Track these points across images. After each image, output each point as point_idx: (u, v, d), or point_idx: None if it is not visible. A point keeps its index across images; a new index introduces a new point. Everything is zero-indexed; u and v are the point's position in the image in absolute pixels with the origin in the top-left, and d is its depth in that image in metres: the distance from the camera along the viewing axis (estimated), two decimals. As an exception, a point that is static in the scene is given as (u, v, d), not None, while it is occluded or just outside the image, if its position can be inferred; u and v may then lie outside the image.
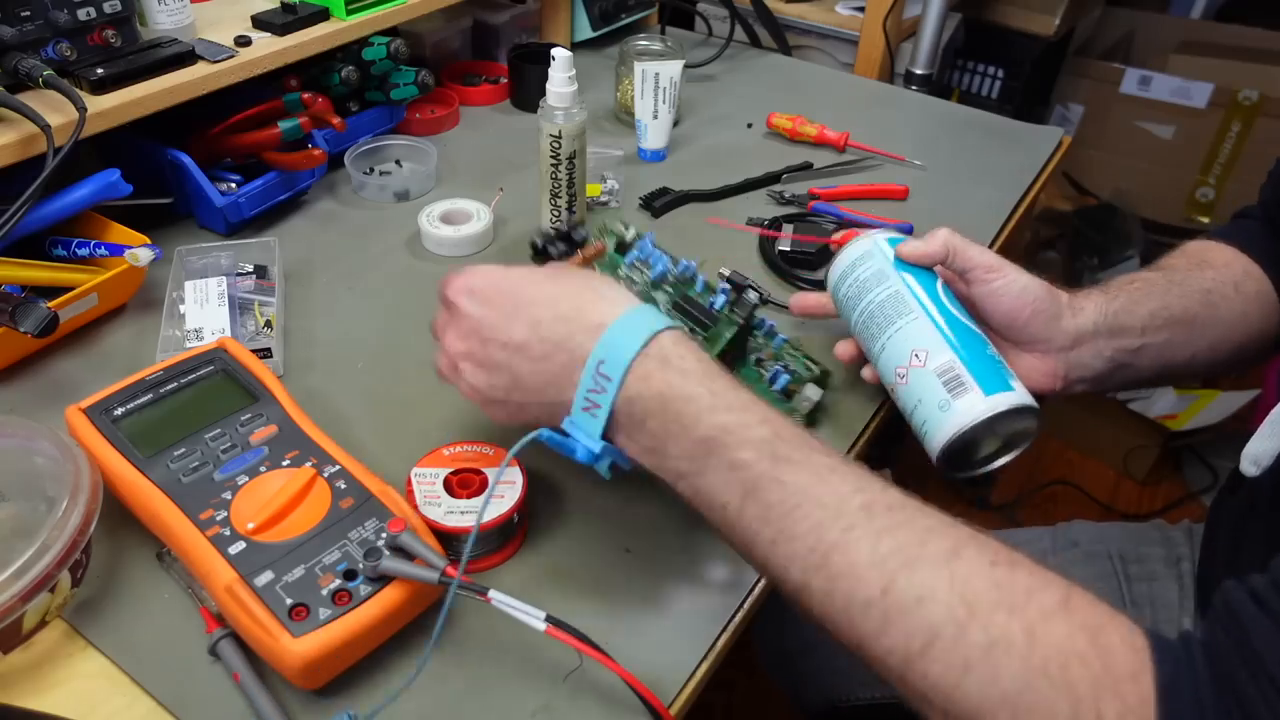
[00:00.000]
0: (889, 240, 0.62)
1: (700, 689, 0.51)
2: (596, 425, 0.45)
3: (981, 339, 0.59)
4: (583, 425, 0.46)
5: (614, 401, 0.44)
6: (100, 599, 0.52)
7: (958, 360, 0.56)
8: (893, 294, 0.60)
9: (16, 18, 0.69)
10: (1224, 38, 2.00)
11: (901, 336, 0.58)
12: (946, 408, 0.55)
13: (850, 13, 1.40)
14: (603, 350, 0.44)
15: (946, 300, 0.59)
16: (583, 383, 0.45)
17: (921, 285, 0.60)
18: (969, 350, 0.57)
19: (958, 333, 0.58)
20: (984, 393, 0.55)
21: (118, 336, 0.72)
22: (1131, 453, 1.78)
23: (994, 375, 0.56)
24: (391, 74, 0.95)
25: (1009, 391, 0.55)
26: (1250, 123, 1.91)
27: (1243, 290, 0.66)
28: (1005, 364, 0.58)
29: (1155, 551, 0.79)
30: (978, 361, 0.56)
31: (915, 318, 0.58)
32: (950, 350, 0.57)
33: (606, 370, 0.44)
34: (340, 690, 0.48)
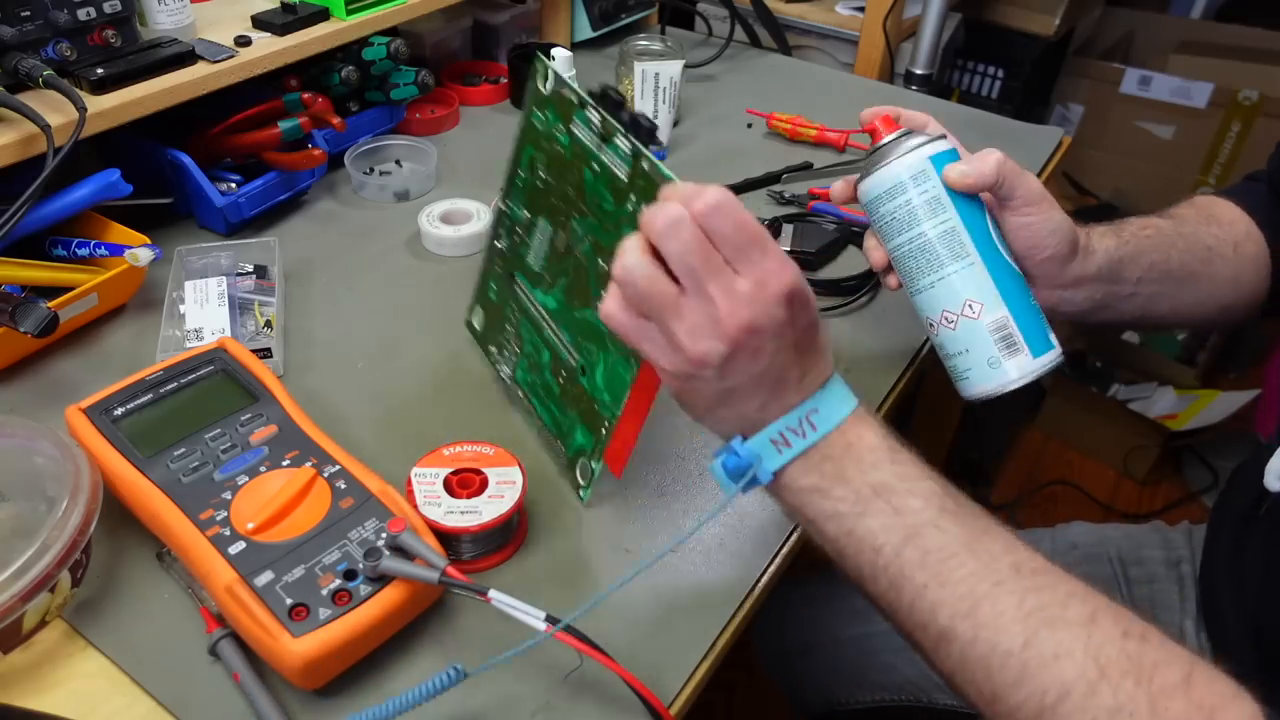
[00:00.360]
0: (936, 157, 0.56)
1: (700, 689, 0.51)
2: (779, 460, 0.46)
3: (1026, 286, 0.58)
4: (763, 457, 0.46)
5: (809, 445, 0.46)
6: (100, 599, 0.52)
7: (1011, 319, 0.56)
8: (948, 231, 0.56)
9: (16, 18, 0.69)
10: (1224, 38, 2.00)
11: (955, 281, 0.56)
12: (996, 364, 0.56)
13: (850, 13, 1.40)
14: (818, 401, 0.46)
15: (999, 244, 0.57)
16: (783, 420, 0.46)
17: (976, 224, 0.56)
18: (1020, 304, 0.57)
19: (1011, 284, 0.57)
20: (1032, 354, 0.56)
21: (118, 336, 0.72)
22: (1131, 453, 1.78)
23: (1040, 333, 0.57)
24: (391, 74, 0.95)
25: (1052, 350, 0.57)
26: (1250, 123, 1.91)
27: (1241, 251, 0.66)
28: (1044, 316, 0.59)
29: (1155, 554, 0.79)
30: (1027, 317, 0.57)
31: (971, 263, 0.56)
32: (1004, 306, 0.56)
33: (815, 420, 0.46)
34: (340, 690, 0.48)
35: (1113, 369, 1.86)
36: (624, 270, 0.44)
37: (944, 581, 0.43)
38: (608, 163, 0.51)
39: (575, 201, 0.55)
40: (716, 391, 0.45)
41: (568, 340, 0.59)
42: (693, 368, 0.44)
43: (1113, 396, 1.81)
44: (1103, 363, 1.88)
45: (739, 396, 0.46)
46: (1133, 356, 1.86)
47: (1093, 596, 0.42)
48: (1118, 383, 1.84)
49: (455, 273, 0.80)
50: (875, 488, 0.45)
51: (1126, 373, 1.86)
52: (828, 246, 0.84)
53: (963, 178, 0.56)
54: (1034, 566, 0.43)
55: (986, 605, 0.42)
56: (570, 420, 0.59)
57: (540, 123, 0.57)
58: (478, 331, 0.71)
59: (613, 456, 0.56)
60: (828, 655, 0.86)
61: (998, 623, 0.41)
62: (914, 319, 0.77)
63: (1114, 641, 0.40)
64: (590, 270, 0.55)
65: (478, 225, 0.83)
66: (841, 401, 0.47)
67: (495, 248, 0.66)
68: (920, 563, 0.43)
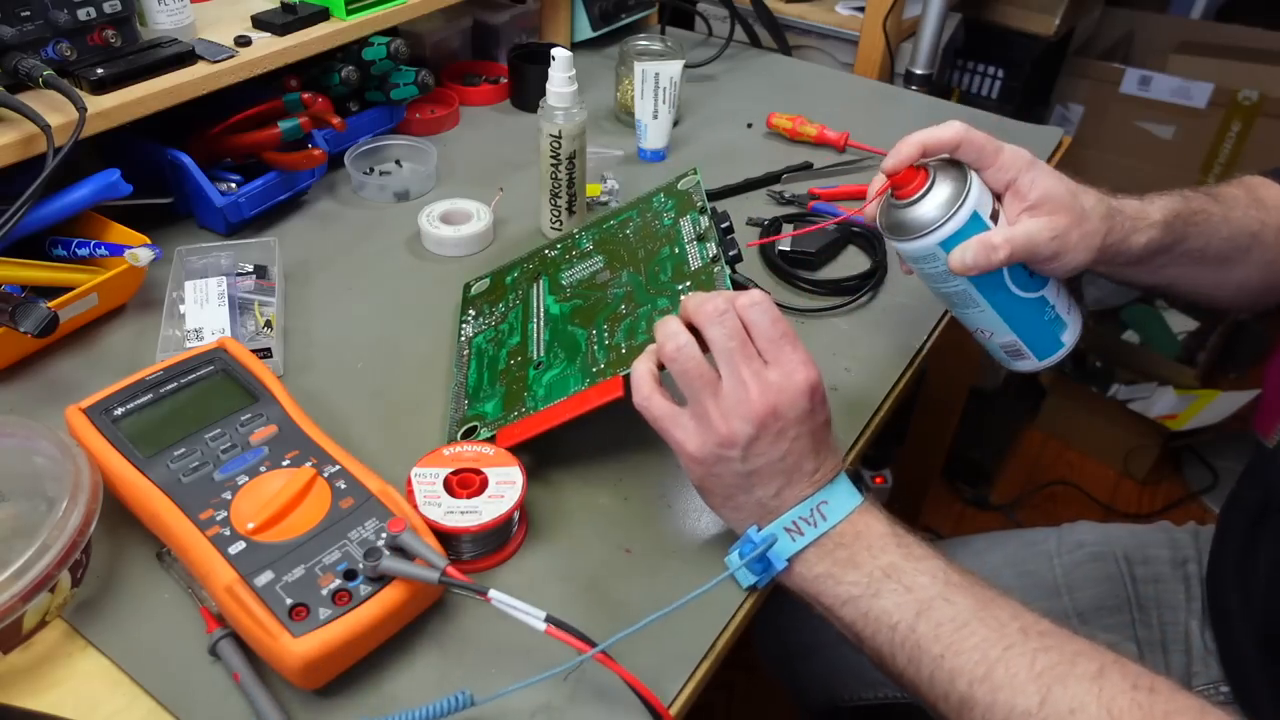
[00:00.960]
0: (945, 243, 0.59)
1: (700, 689, 0.51)
2: (791, 549, 0.50)
3: (1040, 306, 0.64)
4: (777, 543, 0.50)
5: (820, 535, 0.50)
6: (100, 599, 0.52)
7: (1018, 340, 0.65)
8: (959, 291, 0.63)
9: (16, 18, 0.69)
10: (1224, 38, 1.99)
11: (970, 317, 0.65)
12: (1008, 363, 0.68)
13: (850, 13, 1.40)
14: (828, 494, 0.50)
15: (1010, 285, 0.62)
16: (795, 510, 0.50)
17: (986, 282, 0.62)
18: (1028, 327, 0.64)
19: (1020, 316, 0.64)
20: (1037, 359, 0.66)
21: (118, 336, 0.72)
22: (1131, 453, 1.78)
23: (1049, 340, 0.65)
24: (391, 74, 0.95)
25: (1061, 349, 0.66)
26: (1250, 123, 1.91)
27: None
28: (1061, 315, 0.65)
29: (1161, 553, 0.79)
30: (1035, 334, 0.65)
31: (981, 310, 0.64)
32: (1011, 333, 0.65)
33: (825, 511, 0.50)
34: (340, 690, 0.48)
35: (1113, 369, 1.86)
36: (677, 349, 0.50)
37: (959, 650, 0.45)
38: (688, 253, 0.63)
39: (639, 261, 0.66)
40: (738, 474, 0.50)
41: (545, 339, 0.66)
42: (721, 447, 0.49)
43: (1113, 396, 1.81)
44: (1103, 363, 1.88)
45: (758, 481, 0.50)
46: (1133, 356, 1.86)
47: (1099, 653, 0.45)
48: (1118, 383, 1.84)
49: (455, 273, 0.80)
50: (885, 569, 0.48)
51: (1126, 373, 1.86)
52: (828, 246, 0.84)
53: (963, 268, 0.59)
54: (1041, 629, 0.46)
55: (1000, 669, 0.44)
56: (492, 392, 0.65)
57: (658, 203, 0.70)
58: (469, 295, 0.77)
59: (506, 435, 0.60)
60: (832, 654, 0.86)
61: (1013, 684, 0.44)
62: (914, 319, 0.78)
63: (1124, 694, 0.42)
64: (610, 308, 0.64)
65: (478, 225, 0.83)
66: (850, 494, 0.51)
67: (544, 253, 0.75)
68: (934, 635, 0.46)
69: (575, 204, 0.83)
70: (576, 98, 0.77)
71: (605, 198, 0.91)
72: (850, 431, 0.67)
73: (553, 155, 0.79)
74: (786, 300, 0.79)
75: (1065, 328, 0.65)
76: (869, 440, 0.68)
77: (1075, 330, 0.65)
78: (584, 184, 0.84)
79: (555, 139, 0.78)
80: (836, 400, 0.69)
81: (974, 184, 0.59)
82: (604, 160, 0.97)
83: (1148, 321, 1.89)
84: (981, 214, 0.59)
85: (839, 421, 0.67)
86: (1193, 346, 1.86)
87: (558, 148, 0.79)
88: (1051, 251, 0.58)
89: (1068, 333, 0.65)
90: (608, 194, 0.91)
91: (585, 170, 0.83)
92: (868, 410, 0.68)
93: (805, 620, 0.89)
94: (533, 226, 0.86)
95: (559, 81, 0.76)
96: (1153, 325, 1.89)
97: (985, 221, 0.59)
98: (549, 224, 0.84)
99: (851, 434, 0.67)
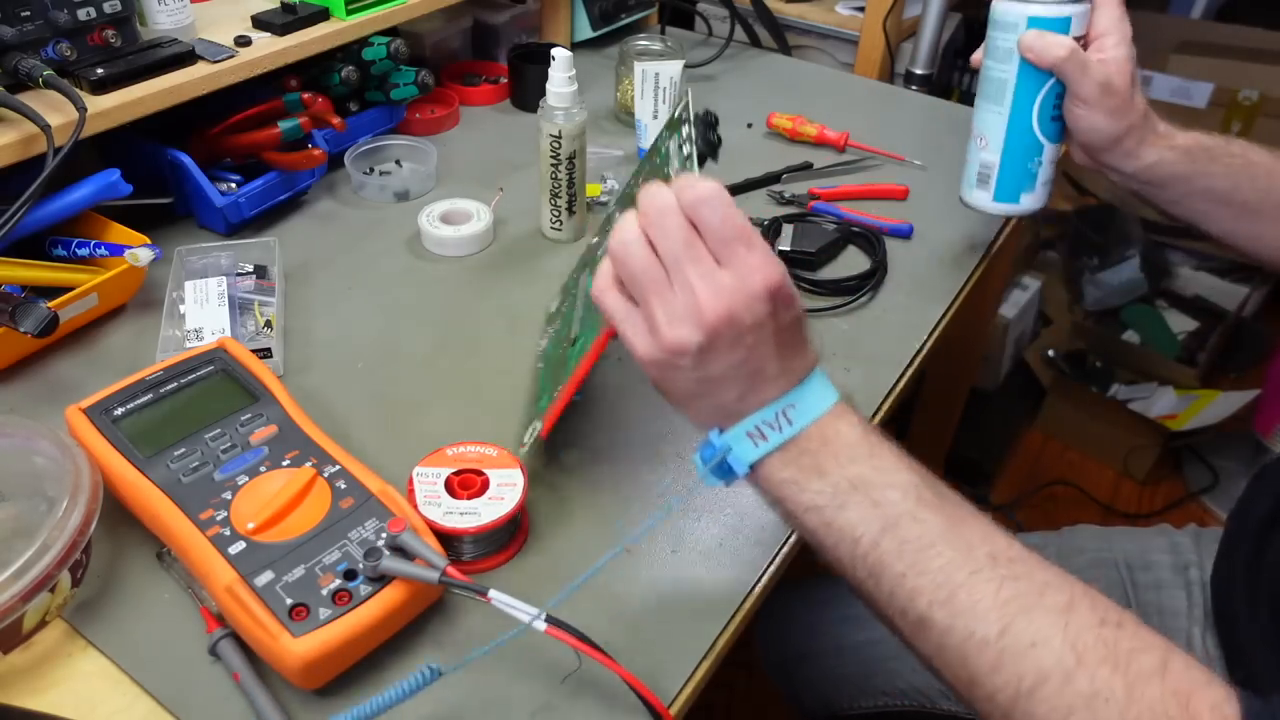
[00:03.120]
0: (1034, 20, 0.68)
1: (700, 689, 0.51)
2: (754, 454, 0.46)
3: (1035, 149, 0.72)
4: (738, 447, 0.46)
5: (786, 440, 0.46)
6: (100, 599, 0.52)
7: (997, 166, 0.74)
8: (1003, 79, 0.70)
9: (16, 18, 0.69)
10: (1224, 38, 1.99)
11: (985, 115, 0.73)
12: (971, 187, 0.77)
13: (850, 13, 1.40)
14: (796, 396, 0.46)
15: (1036, 110, 0.70)
16: (759, 414, 0.46)
17: (1028, 87, 0.70)
18: (1014, 158, 0.73)
19: (1019, 144, 0.72)
20: (993, 198, 0.75)
21: (118, 336, 0.72)
22: (1131, 453, 1.78)
23: (1014, 186, 0.74)
24: (391, 74, 0.95)
25: (1014, 205, 0.75)
26: (1250, 123, 1.91)
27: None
28: (1039, 177, 0.74)
29: (1162, 559, 0.79)
30: (1012, 172, 0.74)
31: (1000, 112, 0.72)
32: (999, 153, 0.73)
33: (792, 415, 0.46)
34: (340, 690, 0.48)
35: (1113, 369, 1.86)
36: (621, 245, 0.45)
37: (921, 571, 0.43)
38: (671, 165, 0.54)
39: None
40: (693, 381, 0.46)
41: (580, 315, 0.62)
42: (668, 355, 0.45)
43: (1113, 396, 1.81)
44: (1103, 363, 1.88)
45: (716, 388, 0.46)
46: (1133, 356, 1.86)
47: (1069, 584, 0.43)
48: (1118, 383, 1.84)
49: (455, 273, 0.80)
50: (853, 481, 0.45)
51: (1126, 373, 1.86)
52: (828, 246, 0.84)
53: (1026, 49, 0.68)
54: (1011, 555, 0.43)
55: (963, 594, 0.42)
56: (550, 386, 0.62)
57: (661, 140, 0.62)
58: (548, 314, 0.75)
59: (547, 422, 0.58)
60: (830, 661, 0.86)
61: (974, 610, 0.42)
62: (914, 319, 0.78)
63: (1091, 629, 0.41)
64: None
65: (478, 225, 0.83)
66: (820, 397, 0.47)
67: (591, 242, 0.73)
68: (898, 552, 0.44)
69: (575, 204, 0.83)
70: (576, 98, 0.77)
71: (605, 198, 0.91)
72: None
73: (553, 155, 0.79)
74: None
75: (1032, 192, 0.75)
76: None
77: (1034, 203, 0.75)
78: (584, 184, 0.84)
79: (555, 139, 0.78)
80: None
81: (1088, 5, 0.68)
82: (604, 160, 0.97)
83: (1148, 321, 1.89)
84: (1074, 24, 0.67)
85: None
86: (1193, 346, 1.86)
87: (558, 148, 0.79)
88: (1090, 93, 0.67)
89: (1030, 198, 0.75)
90: (608, 194, 0.91)
91: (585, 170, 0.83)
92: (868, 410, 0.68)
93: (805, 626, 0.89)
94: (533, 226, 0.86)
95: (559, 81, 0.76)
96: (1153, 325, 1.89)
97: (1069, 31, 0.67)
98: (549, 224, 0.84)
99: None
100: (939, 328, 0.77)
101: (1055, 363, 1.88)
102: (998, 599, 0.42)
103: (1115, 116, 0.68)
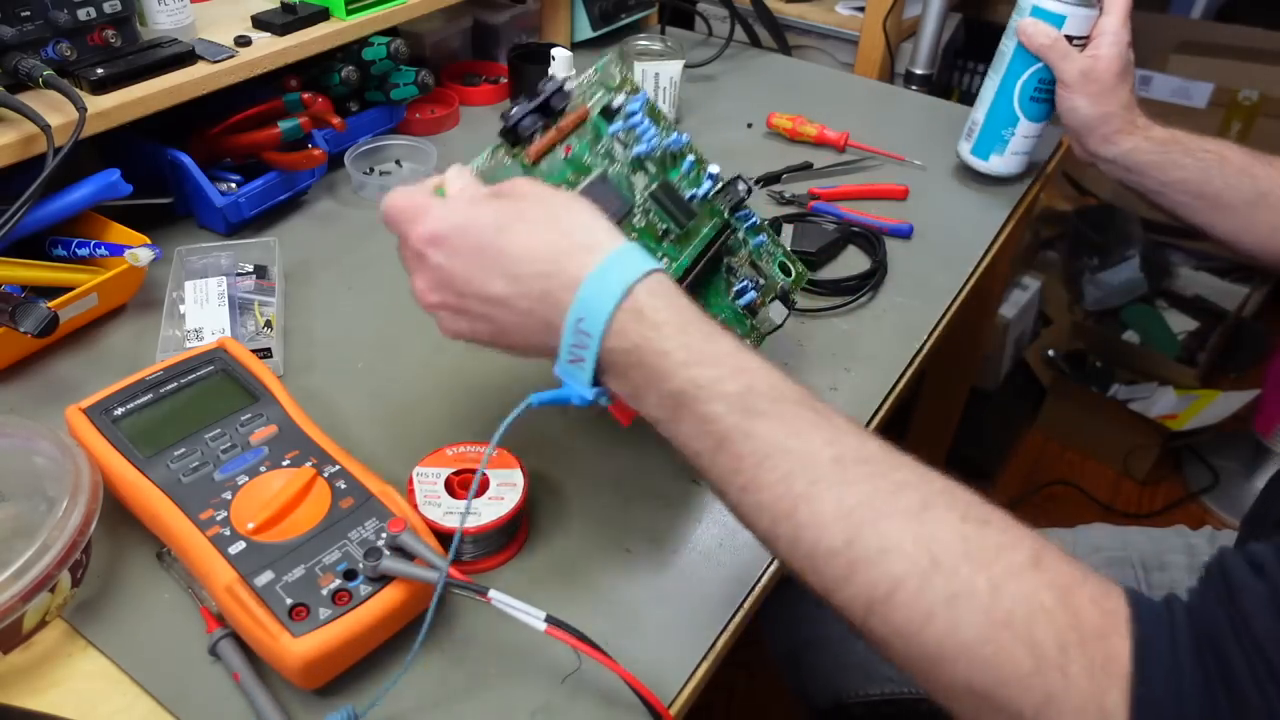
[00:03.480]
0: (1036, 9, 0.82)
1: (700, 689, 0.51)
2: (585, 375, 0.45)
3: (1010, 120, 0.89)
4: (572, 375, 0.46)
5: (597, 354, 0.44)
6: (100, 599, 0.52)
7: (980, 122, 0.92)
8: (1003, 52, 0.87)
9: (16, 18, 0.69)
10: (1224, 38, 1.99)
11: (987, 78, 0.90)
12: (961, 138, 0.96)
13: (850, 13, 1.40)
14: (581, 307, 0.44)
15: (1021, 82, 0.86)
16: (565, 339, 0.45)
17: (1019, 63, 0.86)
18: (994, 121, 0.91)
19: (1001, 111, 0.89)
20: (970, 150, 0.94)
21: (118, 336, 0.72)
22: (1131, 453, 1.78)
23: (986, 146, 0.92)
24: (391, 74, 0.95)
25: (981, 160, 0.94)
26: (1250, 123, 1.91)
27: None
28: (1007, 143, 0.91)
29: (1178, 559, 0.79)
30: (991, 131, 0.91)
31: (993, 79, 0.89)
32: (984, 112, 0.91)
33: (586, 327, 0.44)
34: (340, 690, 0.48)
35: (1113, 369, 1.86)
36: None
37: (760, 486, 0.41)
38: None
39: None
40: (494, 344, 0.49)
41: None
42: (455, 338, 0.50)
43: (1113, 396, 1.81)
44: (1103, 363, 1.88)
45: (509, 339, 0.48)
46: (1133, 356, 1.86)
47: (927, 482, 0.40)
48: (1118, 383, 1.84)
49: (455, 273, 0.80)
50: (676, 397, 0.43)
51: (1126, 373, 1.86)
52: (828, 246, 0.84)
53: (1020, 33, 0.83)
54: (861, 456, 0.41)
55: (804, 507, 0.40)
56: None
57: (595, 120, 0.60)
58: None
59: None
60: (836, 648, 0.86)
61: (817, 522, 0.40)
62: (914, 319, 0.78)
63: (949, 528, 0.38)
64: None
65: (478, 225, 0.83)
66: (606, 291, 0.44)
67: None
68: (735, 469, 0.42)
69: (575, 204, 0.83)
70: (576, 98, 0.77)
71: (605, 198, 0.91)
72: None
73: (553, 155, 0.79)
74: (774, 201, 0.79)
75: (1001, 156, 0.92)
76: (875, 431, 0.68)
77: (1003, 167, 0.92)
78: (584, 184, 0.83)
79: (555, 139, 0.78)
80: (837, 400, 0.69)
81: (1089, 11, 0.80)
82: (604, 160, 0.97)
83: (1148, 321, 1.90)
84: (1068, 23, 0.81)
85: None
86: (1193, 346, 1.86)
87: (558, 148, 0.78)
88: (1070, 77, 0.80)
89: (999, 160, 0.92)
90: (608, 194, 0.91)
91: (585, 170, 0.82)
92: (868, 410, 0.68)
93: (813, 612, 0.89)
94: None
95: (559, 81, 0.76)
96: (1153, 325, 1.89)
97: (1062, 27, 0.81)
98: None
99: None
100: (939, 328, 0.77)
101: (1055, 363, 1.88)
102: (842, 508, 0.39)
103: (1094, 101, 0.79)
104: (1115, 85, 0.79)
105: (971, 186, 0.97)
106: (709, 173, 0.62)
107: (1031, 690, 0.35)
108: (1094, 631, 0.35)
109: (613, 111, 0.60)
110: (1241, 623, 0.35)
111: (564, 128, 0.58)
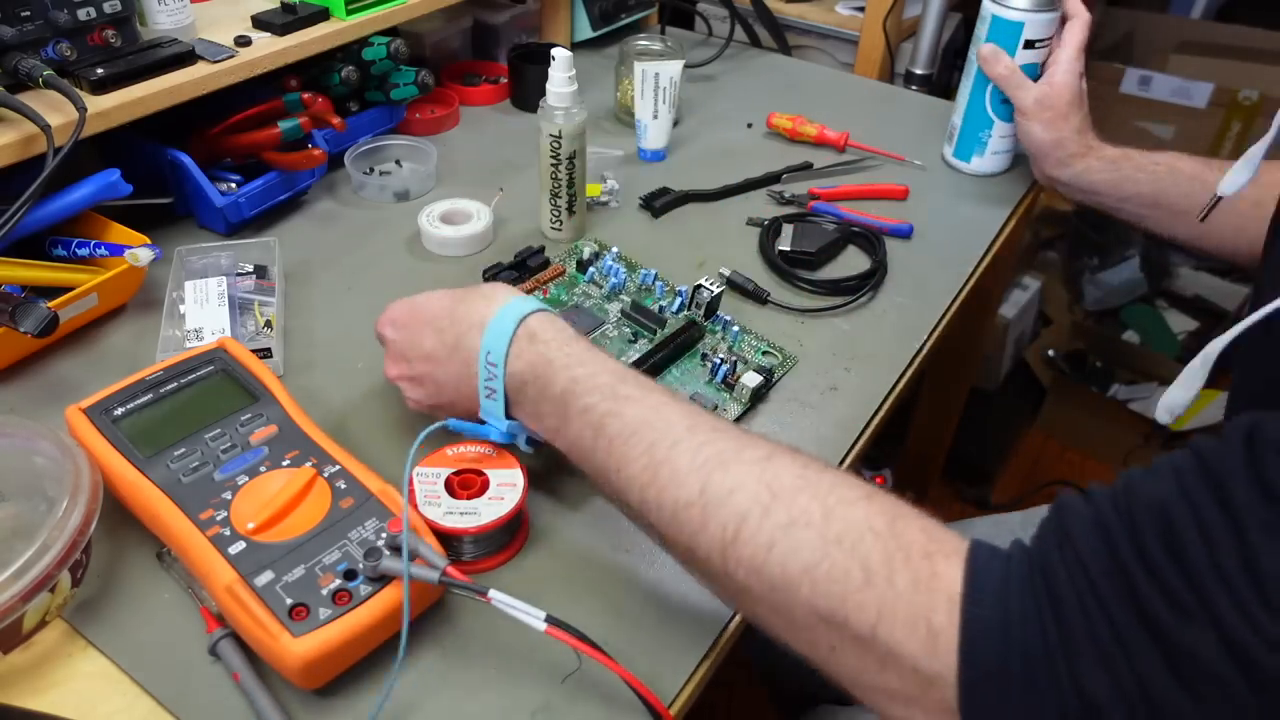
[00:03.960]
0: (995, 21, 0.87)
1: (700, 689, 0.51)
2: (498, 406, 0.53)
3: (986, 123, 0.94)
4: (489, 410, 0.54)
5: (504, 382, 0.52)
6: (100, 599, 0.52)
7: (958, 127, 0.97)
8: (972, 58, 0.91)
9: (16, 18, 0.69)
10: (1224, 38, 1.99)
11: (962, 85, 0.95)
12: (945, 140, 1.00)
13: (850, 13, 1.40)
14: (488, 342, 0.52)
15: (991, 87, 0.90)
16: (480, 374, 0.53)
17: (983, 75, 0.90)
18: (970, 125, 0.95)
19: (973, 110, 0.94)
20: (953, 153, 0.99)
21: (118, 336, 0.72)
22: (1132, 453, 1.78)
23: (966, 148, 0.97)
24: (391, 74, 0.95)
25: (964, 162, 0.98)
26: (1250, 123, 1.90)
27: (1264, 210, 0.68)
28: (985, 144, 0.95)
29: None
30: (969, 134, 0.96)
31: (966, 83, 0.94)
32: (961, 117, 0.96)
33: (492, 359, 0.52)
34: (340, 690, 0.48)
35: (1113, 369, 1.86)
36: None
37: (628, 460, 0.46)
38: None
39: None
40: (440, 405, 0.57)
41: None
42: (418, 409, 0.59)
43: (1113, 396, 1.81)
44: (1103, 363, 1.88)
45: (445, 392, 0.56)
46: (1133, 356, 1.86)
47: (771, 444, 0.45)
48: (1118, 383, 1.84)
49: (455, 273, 0.80)
50: (562, 397, 0.49)
51: (1126, 373, 1.86)
52: (828, 246, 0.84)
53: (980, 60, 0.89)
54: (713, 425, 0.46)
55: (665, 469, 0.44)
56: None
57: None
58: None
59: None
60: None
61: (675, 479, 0.44)
62: (914, 319, 0.78)
63: (790, 470, 0.42)
64: None
65: (478, 225, 0.83)
66: (504, 325, 0.52)
67: None
68: (609, 452, 0.47)
69: (575, 204, 0.83)
70: (576, 98, 0.77)
71: (605, 198, 0.91)
72: (850, 431, 0.67)
73: (553, 155, 0.79)
74: (786, 300, 0.79)
75: (982, 157, 0.96)
76: (869, 440, 0.68)
77: (985, 166, 0.96)
78: (584, 184, 0.84)
79: (555, 139, 0.78)
80: (837, 400, 0.69)
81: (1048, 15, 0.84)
82: (604, 160, 0.97)
83: (1148, 321, 1.90)
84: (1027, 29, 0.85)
85: (839, 422, 0.67)
86: (1193, 346, 1.86)
87: (558, 148, 0.79)
88: (1026, 105, 0.86)
89: (980, 161, 0.96)
90: (608, 194, 0.91)
91: (585, 170, 0.83)
92: (868, 410, 0.68)
93: None
94: (533, 227, 0.86)
95: (559, 81, 0.76)
96: (1153, 325, 1.89)
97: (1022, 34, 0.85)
98: (549, 224, 0.84)
99: (851, 434, 0.67)
100: (939, 328, 0.77)
101: (1055, 363, 1.88)
102: (695, 463, 0.44)
103: (1048, 127, 0.85)
104: (1068, 111, 0.84)
105: (971, 187, 0.97)
106: (680, 289, 0.75)
107: (866, 607, 0.38)
108: (920, 551, 0.38)
109: (585, 264, 0.78)
110: (1069, 544, 0.36)
111: (542, 279, 0.77)
